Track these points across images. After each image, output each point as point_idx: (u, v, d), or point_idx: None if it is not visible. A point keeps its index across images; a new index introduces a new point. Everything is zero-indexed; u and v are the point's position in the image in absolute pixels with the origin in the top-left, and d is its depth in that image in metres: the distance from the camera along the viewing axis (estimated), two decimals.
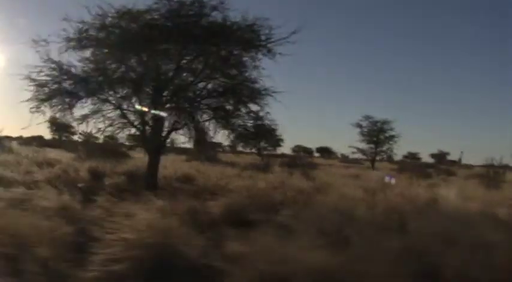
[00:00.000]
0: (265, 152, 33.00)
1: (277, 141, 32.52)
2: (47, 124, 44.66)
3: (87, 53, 10.21)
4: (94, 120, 10.80)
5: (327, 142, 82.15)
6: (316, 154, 71.09)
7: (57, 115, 10.50)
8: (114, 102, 10.48)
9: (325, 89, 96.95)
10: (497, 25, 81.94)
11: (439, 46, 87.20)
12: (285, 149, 57.81)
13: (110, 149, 22.01)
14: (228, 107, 10.37)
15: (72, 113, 10.62)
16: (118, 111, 10.55)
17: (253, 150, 29.48)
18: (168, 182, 11.97)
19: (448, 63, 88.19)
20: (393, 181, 13.98)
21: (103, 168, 13.42)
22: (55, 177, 10.63)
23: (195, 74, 10.22)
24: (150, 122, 10.33)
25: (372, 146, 32.87)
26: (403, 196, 8.68)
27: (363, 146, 33.41)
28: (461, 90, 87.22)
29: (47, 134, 44.95)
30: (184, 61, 10.10)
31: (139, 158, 22.47)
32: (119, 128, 10.83)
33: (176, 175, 13.64)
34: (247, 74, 10.40)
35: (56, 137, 44.45)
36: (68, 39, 9.91)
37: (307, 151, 68.43)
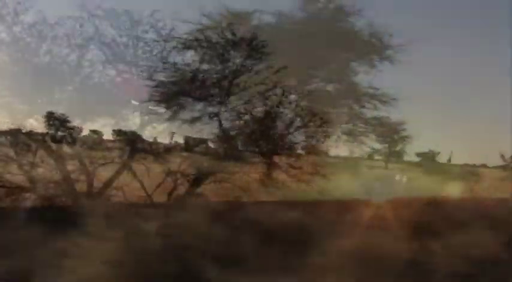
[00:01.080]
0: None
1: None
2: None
3: (191, 54, 9.95)
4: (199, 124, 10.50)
5: None
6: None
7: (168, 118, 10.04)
8: (228, 104, 10.19)
9: None
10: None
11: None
12: None
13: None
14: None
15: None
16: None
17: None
18: None
19: None
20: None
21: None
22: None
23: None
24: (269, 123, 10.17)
25: (386, 145, 33.57)
26: None
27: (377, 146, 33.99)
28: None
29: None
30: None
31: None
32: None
33: None
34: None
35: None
36: (183, 40, 9.62)
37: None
